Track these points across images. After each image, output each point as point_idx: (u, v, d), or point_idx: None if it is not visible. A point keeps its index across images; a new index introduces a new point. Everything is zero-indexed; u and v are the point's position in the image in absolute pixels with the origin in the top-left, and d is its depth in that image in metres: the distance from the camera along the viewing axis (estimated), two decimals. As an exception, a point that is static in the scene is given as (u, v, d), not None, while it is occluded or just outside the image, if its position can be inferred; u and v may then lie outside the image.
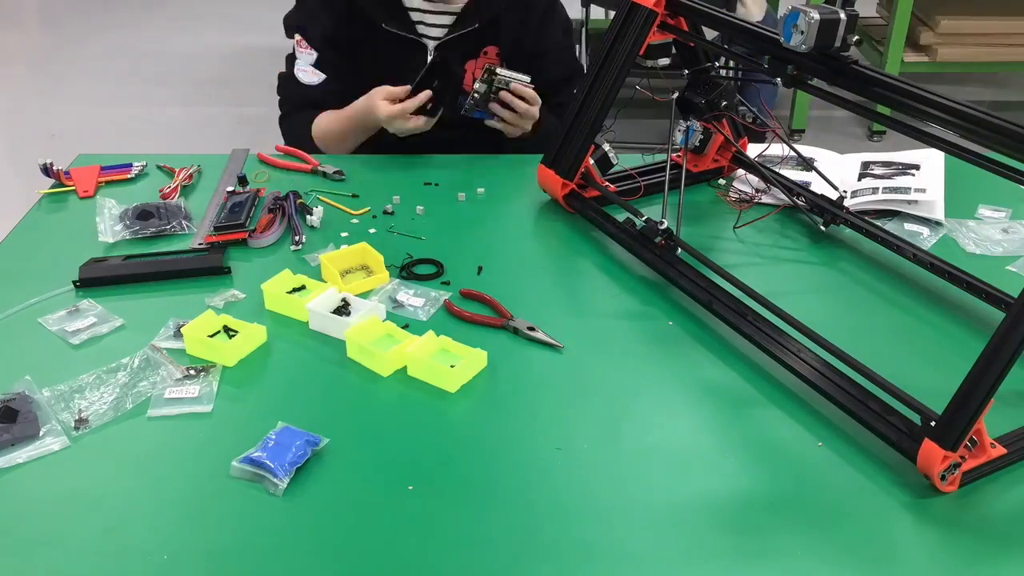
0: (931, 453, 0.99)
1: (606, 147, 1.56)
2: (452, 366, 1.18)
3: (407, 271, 1.41)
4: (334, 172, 1.69)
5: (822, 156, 1.73)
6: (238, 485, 1.03)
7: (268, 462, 1.03)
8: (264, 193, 1.59)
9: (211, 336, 1.23)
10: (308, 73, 1.86)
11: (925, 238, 1.50)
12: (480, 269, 1.42)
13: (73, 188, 1.65)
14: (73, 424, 1.11)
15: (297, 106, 1.90)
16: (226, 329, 1.25)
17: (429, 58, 1.81)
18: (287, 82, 1.91)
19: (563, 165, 1.52)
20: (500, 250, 1.48)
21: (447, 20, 1.83)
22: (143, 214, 1.54)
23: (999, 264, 1.45)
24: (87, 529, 0.98)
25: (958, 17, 3.77)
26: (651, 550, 0.96)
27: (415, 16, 1.83)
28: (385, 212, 1.57)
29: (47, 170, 1.65)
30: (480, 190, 1.63)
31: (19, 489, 1.03)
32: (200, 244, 1.48)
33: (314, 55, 1.85)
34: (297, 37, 1.87)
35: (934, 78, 4.40)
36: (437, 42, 1.83)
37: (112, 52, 4.96)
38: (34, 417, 1.11)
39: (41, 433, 1.09)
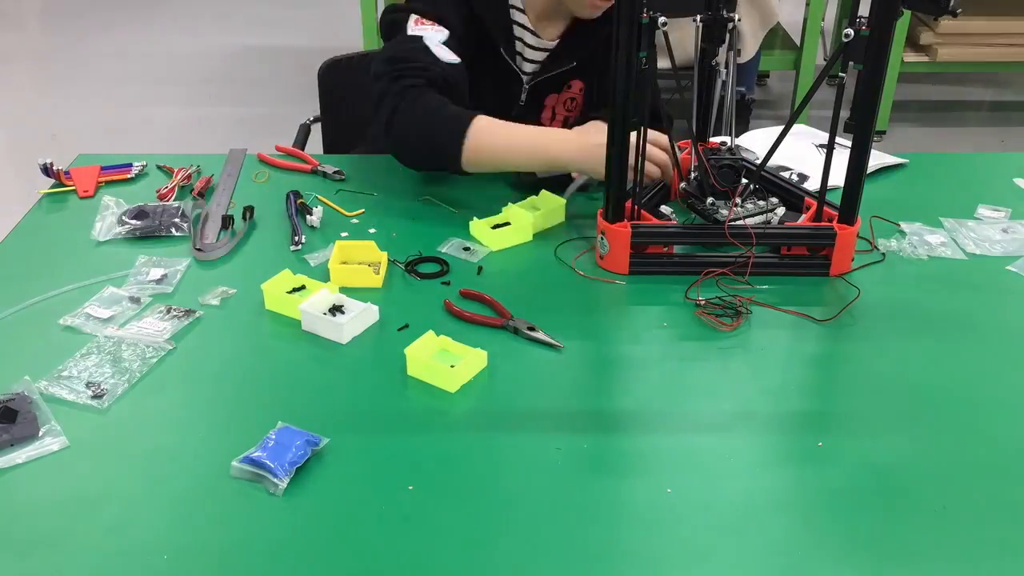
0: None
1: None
2: (452, 366, 1.18)
3: (411, 268, 1.41)
4: (334, 172, 1.69)
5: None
6: (238, 485, 1.03)
7: (268, 462, 1.03)
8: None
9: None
10: (444, 50, 1.53)
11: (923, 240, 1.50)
12: (480, 269, 1.42)
13: (73, 188, 1.65)
14: (91, 395, 1.15)
15: (432, 81, 1.51)
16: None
17: (523, 94, 1.72)
18: (414, 51, 1.52)
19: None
20: (500, 250, 1.48)
21: (541, 56, 1.73)
22: (140, 214, 1.54)
23: (999, 264, 1.45)
24: (87, 529, 0.98)
25: (958, 17, 3.77)
26: (651, 550, 0.96)
27: (518, 46, 1.71)
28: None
29: (47, 170, 1.65)
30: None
31: (19, 489, 1.03)
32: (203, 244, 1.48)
33: (444, 32, 1.55)
34: (415, 17, 1.57)
35: (934, 78, 4.41)
36: (529, 77, 1.74)
37: (112, 52, 4.97)
38: (33, 417, 1.11)
39: (40, 433, 1.09)
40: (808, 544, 0.96)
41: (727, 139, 1.52)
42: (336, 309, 1.28)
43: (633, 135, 1.35)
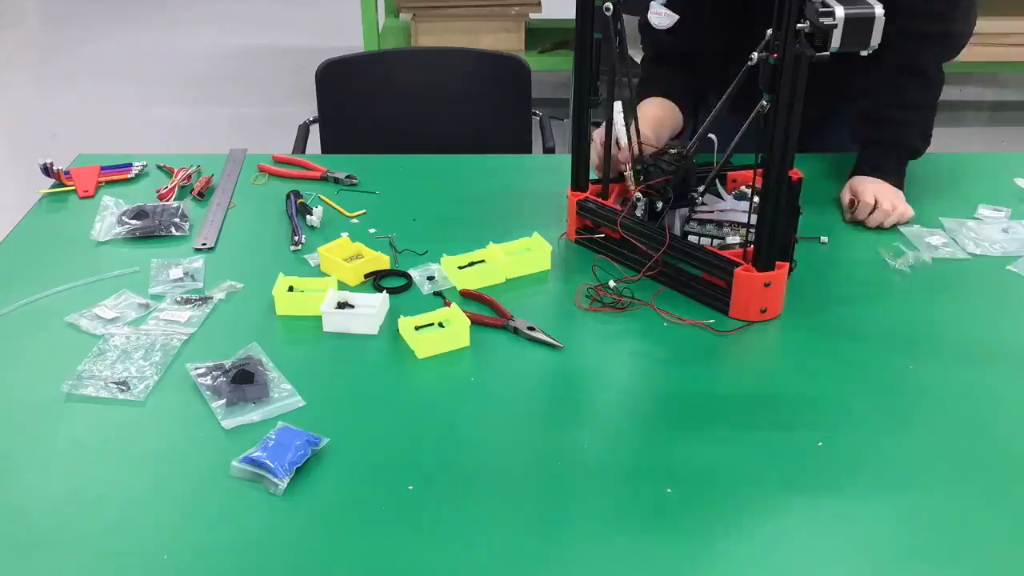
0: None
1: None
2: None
3: (375, 281, 1.40)
4: (346, 177, 1.68)
5: None
6: (238, 485, 1.03)
7: (268, 462, 1.03)
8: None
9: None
10: (661, 16, 1.62)
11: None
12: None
13: (73, 188, 1.65)
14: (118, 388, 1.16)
15: (650, 59, 1.72)
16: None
17: None
18: (643, 29, 1.69)
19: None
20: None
21: None
22: (139, 214, 1.54)
23: (999, 264, 1.45)
24: (87, 529, 0.98)
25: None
26: (651, 550, 0.96)
27: None
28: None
29: (47, 170, 1.65)
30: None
31: (19, 489, 1.04)
32: (203, 244, 1.48)
33: None
34: None
35: (934, 78, 4.40)
36: None
37: (112, 52, 4.97)
38: (264, 379, 1.17)
39: (271, 394, 1.16)
40: (809, 544, 0.97)
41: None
42: (346, 305, 1.29)
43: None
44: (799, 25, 1.11)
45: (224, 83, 4.55)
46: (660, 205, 1.39)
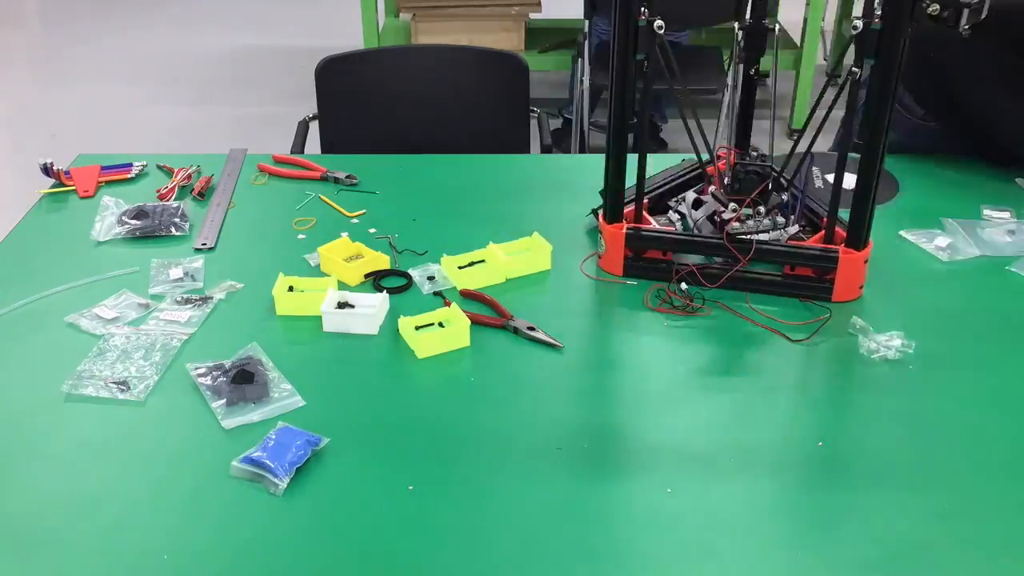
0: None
1: None
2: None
3: (375, 281, 1.40)
4: (346, 177, 1.68)
5: None
6: (238, 485, 1.03)
7: (268, 462, 1.03)
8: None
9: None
10: None
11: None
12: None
13: (73, 188, 1.65)
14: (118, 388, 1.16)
15: None
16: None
17: None
18: None
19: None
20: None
21: None
22: (139, 214, 1.54)
23: (1000, 264, 1.45)
24: (87, 529, 0.98)
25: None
26: (651, 550, 0.96)
27: None
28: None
29: (47, 170, 1.66)
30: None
31: (19, 489, 1.04)
32: (203, 244, 1.48)
33: None
34: None
35: (934, 78, 4.40)
36: None
37: (112, 52, 4.97)
38: (264, 379, 1.17)
39: (271, 394, 1.15)
40: (809, 543, 0.97)
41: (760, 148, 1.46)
42: (346, 305, 1.29)
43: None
44: (929, 10, 1.13)
45: (224, 83, 4.55)
46: (733, 207, 1.37)
